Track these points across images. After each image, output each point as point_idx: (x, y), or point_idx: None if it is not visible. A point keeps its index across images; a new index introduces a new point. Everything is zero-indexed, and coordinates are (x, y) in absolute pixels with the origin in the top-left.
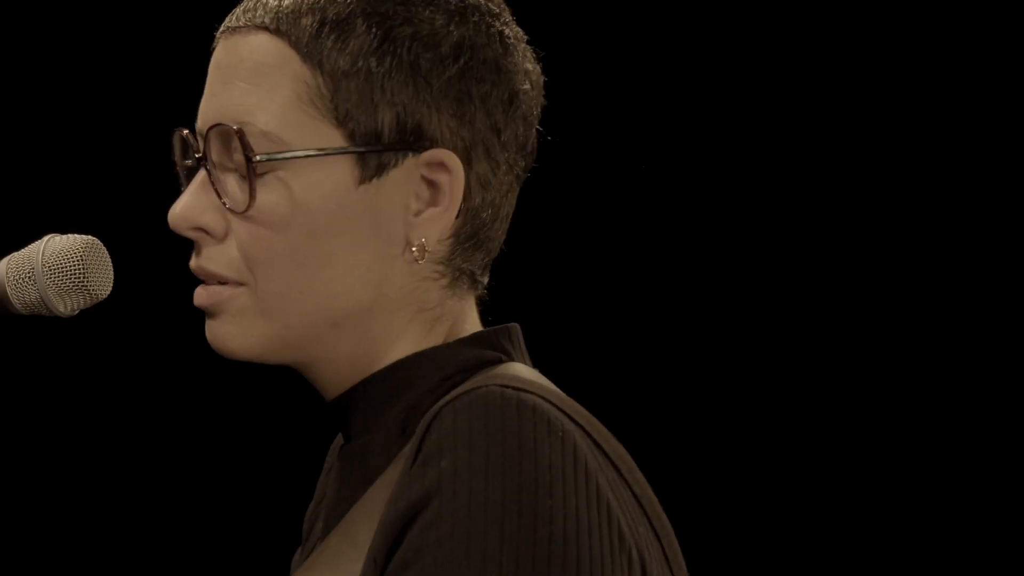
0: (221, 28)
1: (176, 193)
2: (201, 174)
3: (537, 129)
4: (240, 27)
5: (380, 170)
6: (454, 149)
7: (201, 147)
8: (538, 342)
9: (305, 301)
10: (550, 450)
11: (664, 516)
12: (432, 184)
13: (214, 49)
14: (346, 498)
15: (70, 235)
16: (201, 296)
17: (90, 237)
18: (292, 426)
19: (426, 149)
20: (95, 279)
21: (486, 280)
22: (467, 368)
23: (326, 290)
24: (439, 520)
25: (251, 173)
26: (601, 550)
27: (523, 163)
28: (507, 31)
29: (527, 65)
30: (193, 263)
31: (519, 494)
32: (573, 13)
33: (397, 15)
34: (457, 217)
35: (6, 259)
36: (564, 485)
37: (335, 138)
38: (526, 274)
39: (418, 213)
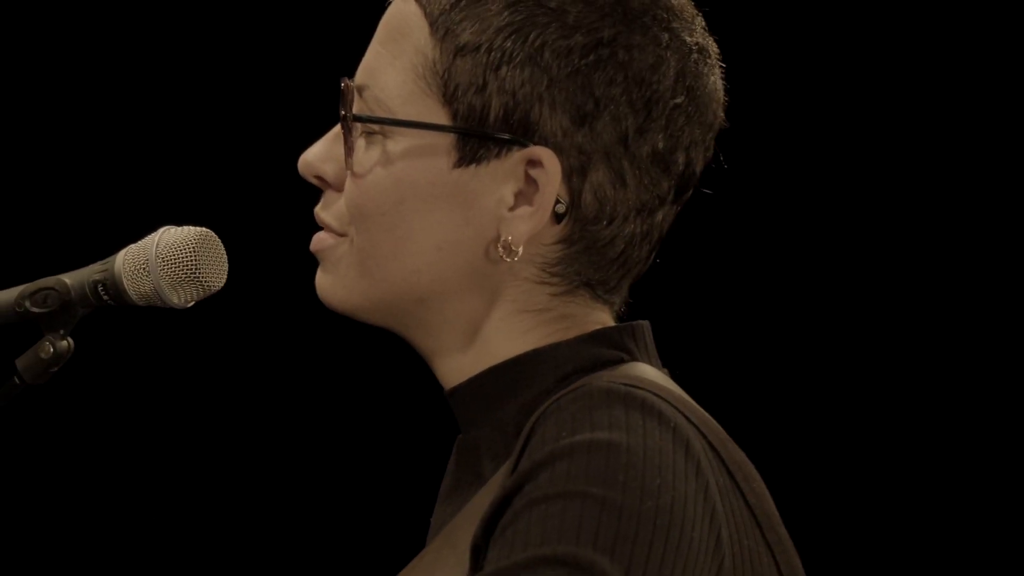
0: None
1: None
2: (336, 128)
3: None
4: None
5: (478, 156)
6: (561, 151)
7: (348, 97)
8: None
9: (389, 266)
10: (660, 437)
11: (783, 531)
12: (533, 182)
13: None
14: (455, 500)
15: (185, 227)
16: (314, 242)
17: (204, 229)
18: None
19: (529, 144)
20: (208, 271)
21: (619, 298)
22: (584, 368)
23: (410, 263)
24: (542, 485)
25: (346, 130)
26: (700, 545)
27: (667, 184)
28: (689, 39)
29: (701, 81)
30: (316, 209)
31: (626, 468)
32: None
33: (540, 4)
34: (561, 223)
35: (124, 251)
36: (674, 470)
37: (439, 115)
38: None
39: (511, 209)
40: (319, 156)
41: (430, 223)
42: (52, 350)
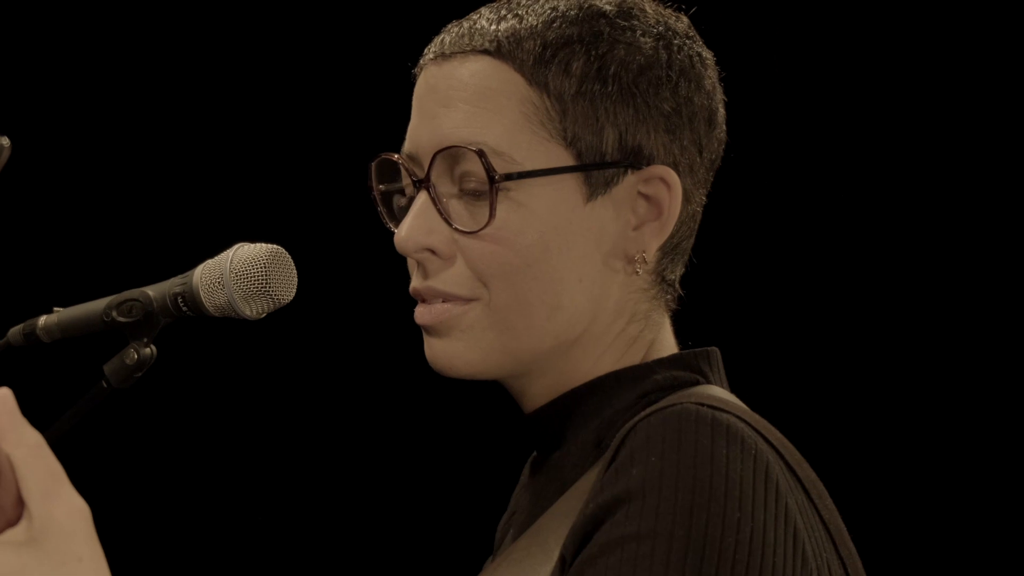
0: (428, 55)
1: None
2: (422, 197)
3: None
4: (456, 52)
5: (605, 187)
6: (668, 165)
7: (424, 170)
8: None
9: (536, 313)
10: (742, 466)
11: (852, 546)
12: (648, 198)
13: (417, 76)
14: (538, 507)
15: (258, 244)
16: (426, 315)
17: (275, 246)
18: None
19: (645, 166)
20: (277, 285)
21: (679, 291)
22: (664, 387)
23: (554, 302)
24: (628, 520)
25: (493, 192)
26: (784, 568)
27: (711, 179)
28: (704, 53)
29: (718, 84)
30: (418, 284)
31: (708, 503)
32: None
33: (612, 39)
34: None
35: (201, 265)
36: (753, 500)
37: (564, 157)
38: None
39: (637, 227)
40: (421, 229)
41: (573, 259)
42: (136, 356)
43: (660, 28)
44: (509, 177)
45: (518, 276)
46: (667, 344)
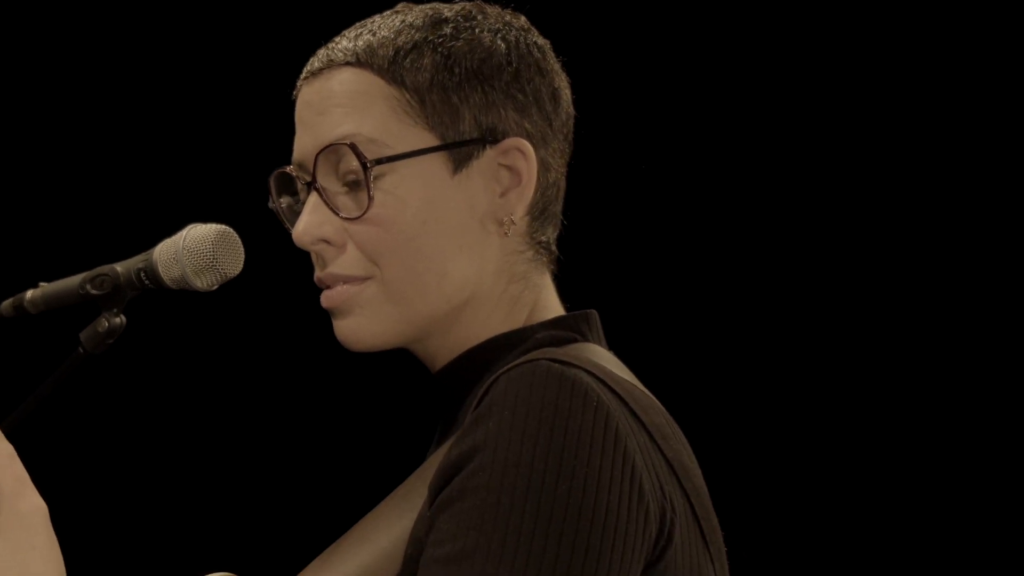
0: (301, 78)
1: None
2: (312, 197)
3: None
4: (323, 69)
5: (468, 161)
6: (523, 137)
7: (309, 174)
8: None
9: (425, 282)
10: (582, 418)
11: (699, 481)
12: (509, 168)
13: (296, 97)
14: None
15: (209, 224)
16: (330, 298)
17: (223, 226)
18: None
19: (500, 140)
20: (224, 261)
21: (556, 252)
22: (542, 346)
23: (441, 269)
24: (479, 471)
25: (367, 176)
26: (619, 505)
27: (568, 150)
28: (539, 41)
29: (558, 67)
30: (320, 272)
31: (547, 454)
32: (576, 14)
33: (454, 37)
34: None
35: (161, 243)
36: (591, 447)
37: (429, 139)
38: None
39: (502, 194)
40: (313, 223)
41: (449, 229)
42: (107, 324)
43: (498, 25)
44: (380, 161)
45: (403, 251)
46: (550, 305)
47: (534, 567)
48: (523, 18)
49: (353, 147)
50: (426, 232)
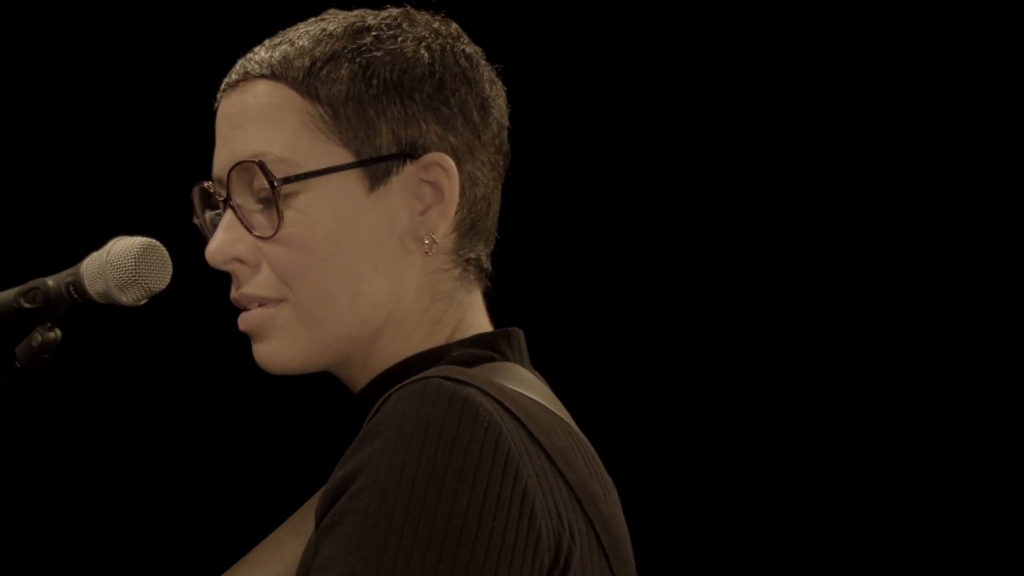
0: (221, 88)
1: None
2: (228, 214)
3: (508, 129)
4: (239, 81)
5: (385, 177)
6: (444, 152)
7: (224, 190)
8: (539, 344)
9: (337, 303)
10: (470, 439)
11: (604, 507)
12: (431, 184)
13: (216, 109)
14: None
15: (134, 237)
16: (245, 321)
17: (149, 240)
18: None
19: (421, 155)
20: (148, 275)
21: (489, 268)
22: (455, 364)
23: (353, 289)
24: (360, 493)
25: (276, 196)
26: (505, 529)
27: (502, 162)
28: (468, 49)
29: (490, 76)
30: (233, 293)
31: (430, 476)
32: (575, 15)
33: (373, 47)
34: (457, 212)
35: (89, 256)
36: (477, 469)
37: (343, 156)
38: (527, 275)
39: (423, 212)
40: (226, 242)
41: (363, 248)
42: (40, 339)
43: (424, 33)
44: (287, 180)
45: (314, 271)
46: (475, 323)
47: None
48: (454, 25)
49: (261, 165)
50: (339, 251)
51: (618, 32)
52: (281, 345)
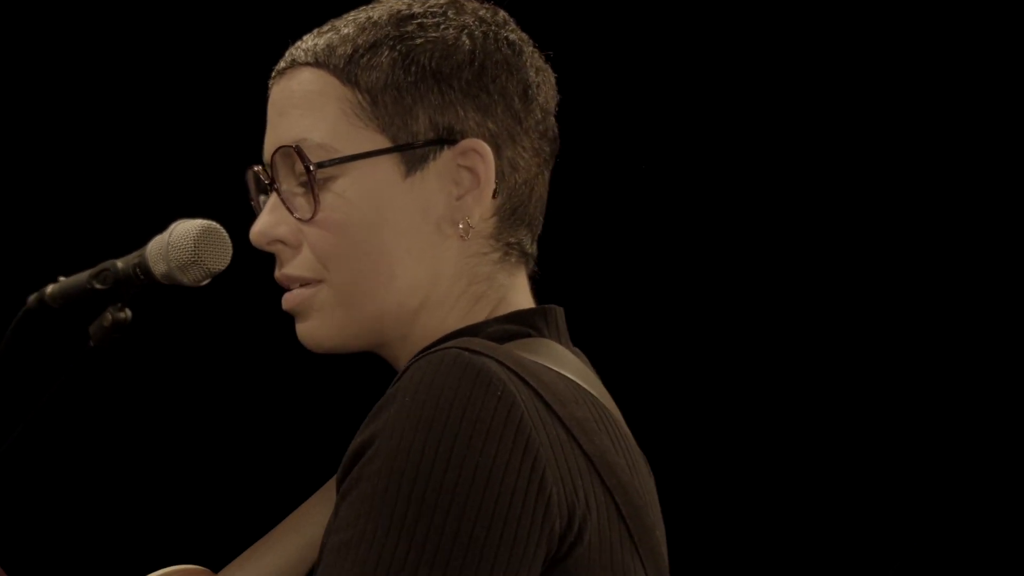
0: (272, 76)
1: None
2: (273, 196)
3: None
4: (287, 68)
5: (421, 164)
6: (482, 138)
7: (270, 174)
8: (586, 325)
9: (373, 285)
10: (482, 406)
11: (625, 477)
12: (469, 170)
13: (269, 96)
14: None
15: (195, 220)
16: (288, 300)
17: (209, 222)
18: None
19: (458, 141)
20: (208, 256)
21: (535, 252)
22: (491, 340)
23: (388, 272)
24: (374, 457)
25: (312, 180)
26: (512, 494)
27: (548, 148)
28: (512, 36)
29: (536, 63)
30: (277, 273)
31: (439, 441)
32: (575, 15)
33: (415, 35)
34: (495, 197)
35: (154, 239)
36: (487, 436)
37: (380, 142)
38: (583, 261)
39: (460, 197)
40: (269, 223)
41: (399, 233)
42: (111, 319)
43: (469, 21)
44: (322, 165)
45: (349, 254)
46: (515, 303)
47: (413, 557)
48: (502, 13)
49: (299, 150)
50: (373, 235)
51: (618, 32)
52: (320, 324)
